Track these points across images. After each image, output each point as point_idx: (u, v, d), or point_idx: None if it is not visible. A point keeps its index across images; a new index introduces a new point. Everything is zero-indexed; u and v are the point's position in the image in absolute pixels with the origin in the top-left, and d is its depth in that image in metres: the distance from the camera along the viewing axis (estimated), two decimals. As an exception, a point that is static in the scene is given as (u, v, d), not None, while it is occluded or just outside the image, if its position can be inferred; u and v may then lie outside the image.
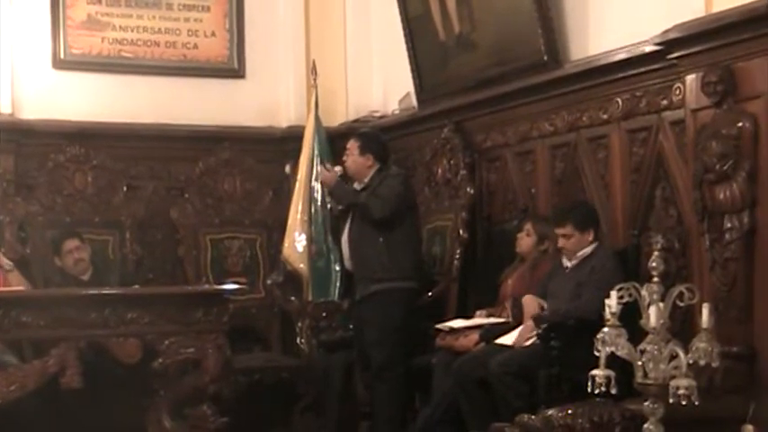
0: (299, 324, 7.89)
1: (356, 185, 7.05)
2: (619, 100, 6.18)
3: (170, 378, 6.36)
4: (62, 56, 8.31)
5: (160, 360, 6.26)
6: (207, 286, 7.59)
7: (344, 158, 7.11)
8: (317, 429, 7.28)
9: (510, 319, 6.24)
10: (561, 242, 6.00)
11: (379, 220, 6.73)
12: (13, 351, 6.64)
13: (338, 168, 7.15)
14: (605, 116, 6.30)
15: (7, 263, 7.09)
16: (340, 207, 7.15)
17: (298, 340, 7.90)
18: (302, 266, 8.03)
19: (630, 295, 4.39)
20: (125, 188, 8.23)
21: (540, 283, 6.13)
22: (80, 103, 8.28)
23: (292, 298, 8.03)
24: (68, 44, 8.33)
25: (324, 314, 7.72)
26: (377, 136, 7.29)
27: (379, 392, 6.86)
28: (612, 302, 4.38)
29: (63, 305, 6.03)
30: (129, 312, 6.12)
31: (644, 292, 4.36)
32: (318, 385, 7.52)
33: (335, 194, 7.11)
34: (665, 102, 5.87)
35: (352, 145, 7.04)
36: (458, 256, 7.21)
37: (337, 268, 7.93)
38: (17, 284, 6.94)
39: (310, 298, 7.95)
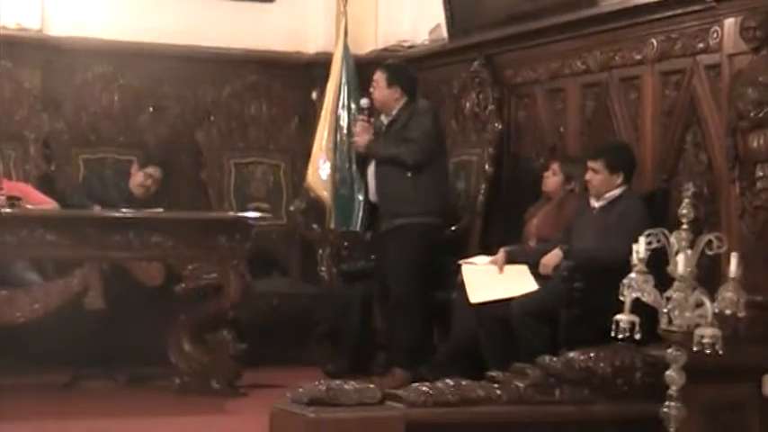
0: (320, 252, 7.88)
1: (383, 118, 7.02)
2: (654, 41, 6.10)
3: (191, 302, 6.40)
4: (93, -28, 8.25)
5: (182, 284, 6.30)
6: (230, 213, 7.57)
7: (371, 90, 7.06)
8: (332, 357, 7.29)
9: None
10: (588, 175, 5.96)
11: (414, 165, 6.71)
12: (35, 269, 6.66)
13: (365, 101, 7.12)
14: (639, 57, 6.23)
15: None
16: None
17: (318, 268, 7.90)
18: (325, 194, 8.00)
19: (659, 241, 4.36)
20: (151, 108, 8.20)
21: (566, 225, 6.10)
22: (109, 21, 8.20)
23: (314, 225, 8.02)
24: (100, -39, 8.27)
25: (345, 244, 7.72)
26: (404, 68, 7.24)
27: (397, 325, 6.87)
28: (641, 248, 4.35)
29: (88, 226, 6.07)
30: (152, 236, 6.15)
31: (672, 240, 4.33)
32: (336, 314, 7.53)
33: (370, 154, 7.03)
34: (701, 45, 5.79)
35: (380, 77, 6.99)
36: (482, 192, 7.18)
37: (360, 198, 7.87)
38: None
39: (332, 226, 7.94)
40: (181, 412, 6.05)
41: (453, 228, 7.13)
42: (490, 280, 6.05)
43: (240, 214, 7.11)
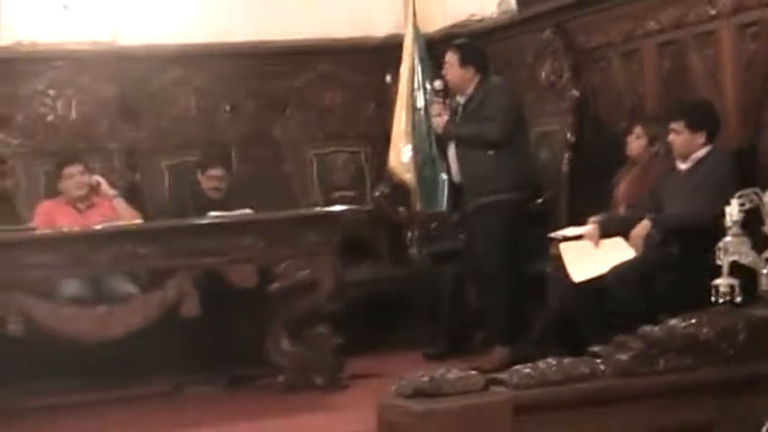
0: (409, 235, 7.88)
1: (459, 98, 6.99)
2: (728, -6, 6.00)
3: (286, 301, 6.42)
4: (159, -23, 8.30)
5: (276, 284, 6.33)
6: (318, 208, 7.53)
7: (444, 72, 7.04)
8: (430, 340, 7.29)
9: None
10: (671, 137, 5.90)
11: (497, 142, 6.71)
12: (131, 280, 6.73)
13: (438, 83, 7.12)
14: (713, 11, 6.12)
15: (113, 192, 7.18)
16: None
17: (407, 251, 7.90)
18: (409, 176, 7.98)
19: (751, 201, 4.30)
20: (227, 108, 8.24)
21: (652, 188, 6.03)
22: (176, 25, 8.25)
23: (401, 208, 8.01)
24: (164, -35, 8.31)
25: (434, 225, 7.70)
26: (475, 46, 7.22)
27: (491, 302, 6.88)
28: (734, 210, 4.29)
29: (178, 235, 6.12)
30: (243, 238, 6.19)
31: (766, 199, 4.27)
32: (430, 296, 7.52)
33: (449, 135, 7.05)
34: (776, -6, 5.69)
35: (451, 58, 6.97)
36: (566, 161, 7.11)
37: (444, 177, 7.85)
38: (123, 211, 7.02)
39: (419, 208, 7.93)
40: (287, 411, 6.04)
41: (540, 200, 7.09)
42: (589, 256, 5.99)
43: (327, 209, 7.09)
